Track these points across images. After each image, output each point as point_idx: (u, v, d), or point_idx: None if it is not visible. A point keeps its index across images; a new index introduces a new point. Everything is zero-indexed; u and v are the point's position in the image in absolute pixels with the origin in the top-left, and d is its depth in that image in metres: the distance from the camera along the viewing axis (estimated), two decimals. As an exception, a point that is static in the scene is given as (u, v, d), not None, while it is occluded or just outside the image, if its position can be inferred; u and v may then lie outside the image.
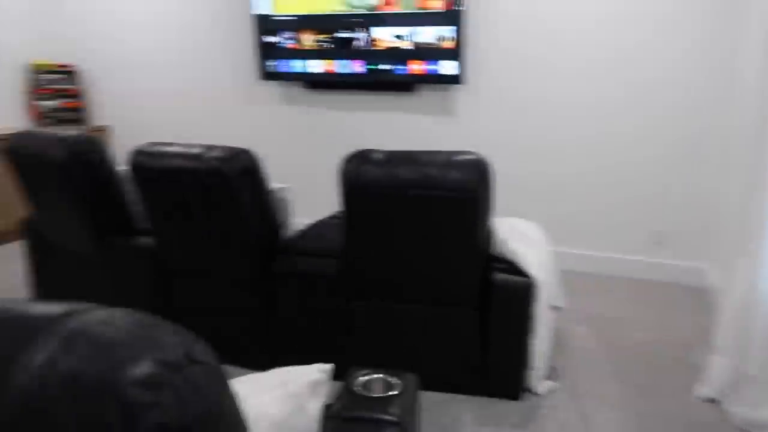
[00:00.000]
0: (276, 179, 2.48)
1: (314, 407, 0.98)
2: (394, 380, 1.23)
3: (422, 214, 2.03)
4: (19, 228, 3.09)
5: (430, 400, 2.21)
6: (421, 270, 2.14)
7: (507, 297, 2.13)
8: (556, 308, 2.44)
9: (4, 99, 4.51)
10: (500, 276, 2.14)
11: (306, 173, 4.22)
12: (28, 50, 4.64)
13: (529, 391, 2.26)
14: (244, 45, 4.20)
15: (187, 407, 0.56)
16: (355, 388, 1.20)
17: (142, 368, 0.54)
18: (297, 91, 4.18)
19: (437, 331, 2.22)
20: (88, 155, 2.53)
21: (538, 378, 2.25)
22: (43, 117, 4.67)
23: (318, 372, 0.99)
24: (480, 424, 2.09)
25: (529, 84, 3.58)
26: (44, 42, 4.73)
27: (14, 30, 4.54)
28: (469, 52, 3.63)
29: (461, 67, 3.59)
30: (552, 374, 2.38)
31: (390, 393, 1.19)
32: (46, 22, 4.74)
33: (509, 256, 2.20)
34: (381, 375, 1.25)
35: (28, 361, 0.57)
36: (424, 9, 3.58)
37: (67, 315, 0.62)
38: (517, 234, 2.31)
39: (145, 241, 2.56)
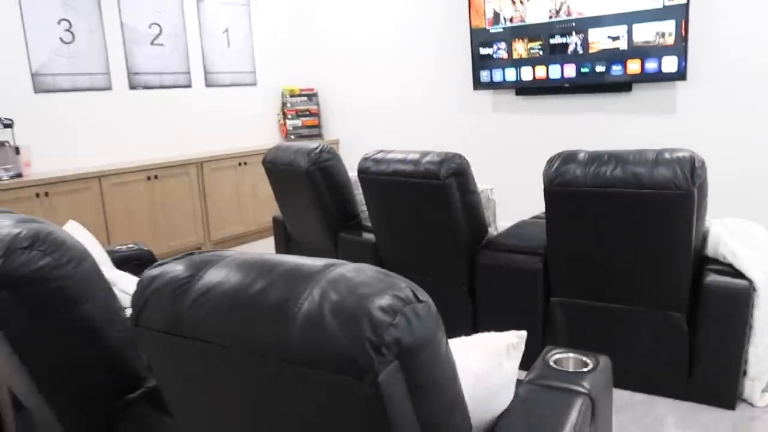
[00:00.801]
0: (485, 181, 2.68)
1: (511, 366, 1.14)
2: (587, 359, 1.34)
3: (629, 214, 2.05)
4: (272, 225, 3.76)
5: (632, 399, 2.20)
6: (626, 270, 2.16)
7: (721, 300, 2.03)
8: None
9: (266, 120, 5.46)
10: (714, 278, 2.05)
11: (516, 176, 4.35)
12: (281, 78, 5.54)
13: (747, 402, 2.11)
14: (462, 57, 4.49)
15: (414, 330, 0.78)
16: (550, 362, 1.34)
17: (384, 300, 0.78)
18: (508, 98, 4.34)
19: (641, 333, 2.20)
20: (326, 163, 3.01)
21: (757, 389, 2.09)
22: (289, 134, 5.53)
23: (515, 337, 1.16)
24: (684, 427, 2.02)
25: (755, 79, 3.26)
26: (293, 70, 5.61)
27: (273, 62, 5.47)
28: (691, 47, 3.43)
29: (683, 62, 3.41)
30: (779, 390, 2.19)
31: (583, 369, 1.30)
32: (295, 54, 5.61)
33: (728, 257, 2.10)
34: (575, 354, 1.36)
35: (309, 295, 0.84)
36: (643, 7, 3.48)
37: (328, 267, 0.89)
38: (739, 235, 2.17)
39: (369, 237, 2.95)
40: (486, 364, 1.12)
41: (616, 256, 2.15)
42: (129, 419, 1.33)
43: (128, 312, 1.44)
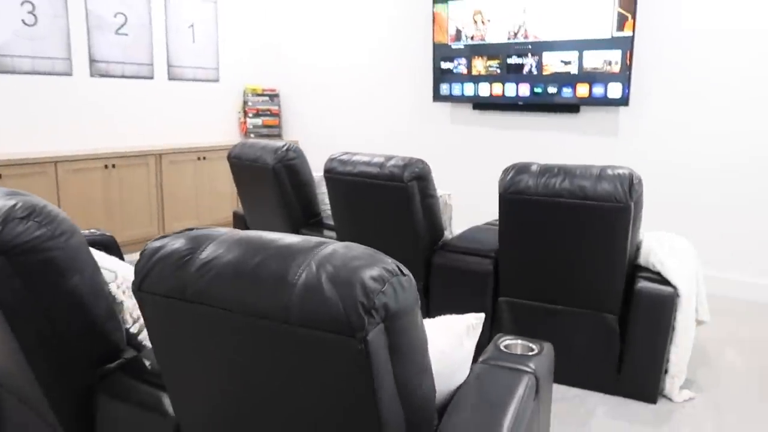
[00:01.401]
0: (442, 187, 2.85)
1: (469, 345, 1.29)
2: (533, 345, 1.51)
3: (574, 222, 2.25)
4: (232, 219, 3.82)
5: (566, 393, 2.41)
6: (569, 274, 2.36)
7: (650, 304, 2.26)
8: (700, 322, 2.49)
9: (226, 117, 5.49)
10: (644, 284, 2.28)
11: (470, 185, 4.57)
12: (244, 76, 5.59)
13: (666, 397, 2.35)
14: (424, 69, 4.68)
15: (398, 298, 0.92)
16: (501, 347, 1.50)
17: (374, 271, 0.91)
18: (466, 111, 4.56)
19: (578, 332, 2.41)
20: (292, 161, 3.12)
21: (675, 386, 2.34)
22: (248, 132, 5.58)
23: (474, 318, 1.31)
24: (612, 418, 2.24)
25: (690, 108, 3.59)
26: (256, 70, 5.67)
27: (237, 60, 5.51)
28: (634, 75, 3.73)
29: (626, 89, 3.70)
30: (691, 386, 2.44)
31: (529, 353, 1.47)
32: (259, 54, 5.68)
33: (657, 266, 2.33)
34: (522, 340, 1.53)
35: (307, 266, 0.96)
36: (593, 36, 3.76)
37: (321, 244, 1.02)
38: (666, 247, 2.42)
39: (330, 234, 3.07)
40: (449, 340, 1.27)
41: (560, 261, 2.35)
42: (107, 387, 1.41)
43: (110, 287, 1.52)
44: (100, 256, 1.72)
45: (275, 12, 5.60)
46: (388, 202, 2.60)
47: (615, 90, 3.75)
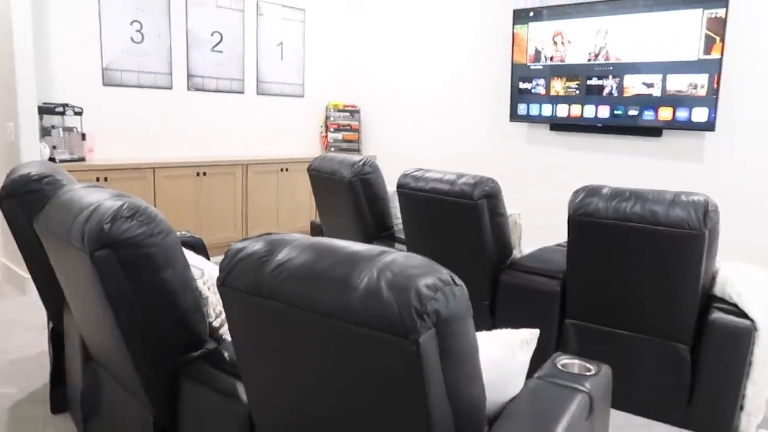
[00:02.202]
0: (514, 207, 2.88)
1: (523, 358, 1.34)
2: (590, 366, 1.53)
3: (644, 248, 2.23)
4: (309, 228, 4.00)
5: (632, 421, 2.36)
6: (638, 300, 2.33)
7: (724, 336, 2.19)
8: (782, 358, 2.37)
9: (309, 130, 5.76)
10: (719, 315, 2.21)
11: (544, 205, 4.54)
12: (327, 92, 5.84)
13: (741, 433, 2.26)
14: (502, 88, 4.73)
15: (450, 305, 1.00)
16: (558, 365, 1.53)
17: (429, 279, 1.00)
18: (543, 132, 4.55)
19: (647, 360, 2.36)
20: (367, 175, 3.25)
21: (752, 424, 2.24)
22: (329, 146, 5.80)
23: (529, 334, 1.36)
24: (682, 451, 2.18)
25: (789, 133, 3.42)
26: (338, 86, 5.91)
27: (321, 77, 5.78)
28: (721, 99, 3.60)
29: (713, 113, 3.58)
30: (774, 428, 2.33)
31: (585, 373, 1.49)
32: (342, 71, 5.92)
33: (734, 297, 2.26)
34: (580, 360, 1.55)
35: (369, 272, 1.06)
36: (678, 59, 3.67)
37: (383, 252, 1.11)
38: (746, 278, 2.33)
39: (401, 247, 3.17)
40: (502, 351, 1.32)
41: (629, 286, 2.32)
42: (191, 373, 1.56)
43: (198, 283, 1.68)
44: (189, 255, 1.90)
45: (359, 32, 5.83)
46: (458, 219, 2.67)
47: (700, 114, 3.63)
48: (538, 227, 4.37)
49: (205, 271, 1.69)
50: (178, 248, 1.57)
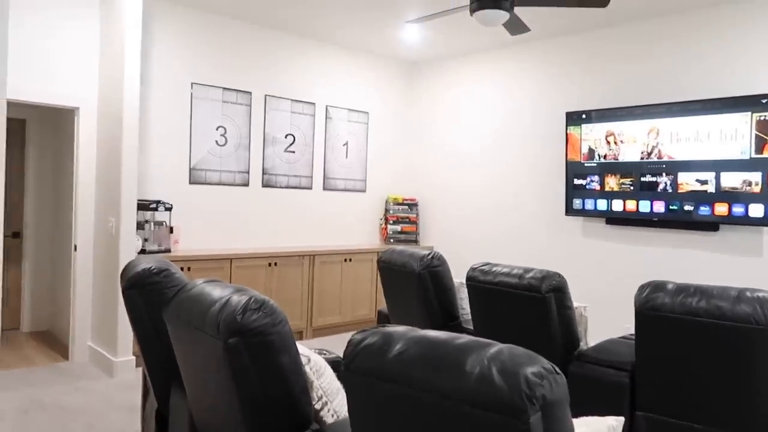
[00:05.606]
0: (574, 299, 3.02)
1: (610, 444, 1.47)
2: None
3: (712, 342, 2.33)
4: (376, 316, 4.19)
5: None
6: (709, 394, 2.40)
7: (801, 432, 2.22)
8: None
9: (369, 222, 6.09)
10: (793, 410, 2.25)
11: (603, 298, 4.62)
12: (387, 187, 6.21)
13: None
14: (557, 184, 4.97)
15: (553, 391, 1.17)
16: (639, 452, 1.64)
17: (535, 368, 1.18)
18: (598, 226, 4.71)
19: (724, 454, 2.38)
20: (436, 268, 3.47)
21: None
22: (388, 237, 6.09)
23: (614, 420, 1.49)
24: None
25: None
26: (397, 180, 6.28)
27: (381, 173, 6.18)
28: (777, 196, 3.73)
29: None
30: None
31: (668, 461, 1.59)
32: (401, 167, 6.31)
33: (806, 394, 2.30)
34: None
35: (481, 360, 1.25)
36: (730, 157, 3.85)
37: (490, 344, 1.31)
38: (817, 375, 2.37)
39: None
40: (591, 438, 1.46)
41: (699, 380, 2.40)
42: (299, 451, 1.74)
43: (305, 368, 1.89)
44: (297, 343, 2.13)
45: (417, 130, 6.26)
46: (526, 312, 2.83)
47: (757, 210, 3.75)
48: (599, 320, 4.44)
49: (311, 358, 1.90)
50: (291, 336, 1.80)
